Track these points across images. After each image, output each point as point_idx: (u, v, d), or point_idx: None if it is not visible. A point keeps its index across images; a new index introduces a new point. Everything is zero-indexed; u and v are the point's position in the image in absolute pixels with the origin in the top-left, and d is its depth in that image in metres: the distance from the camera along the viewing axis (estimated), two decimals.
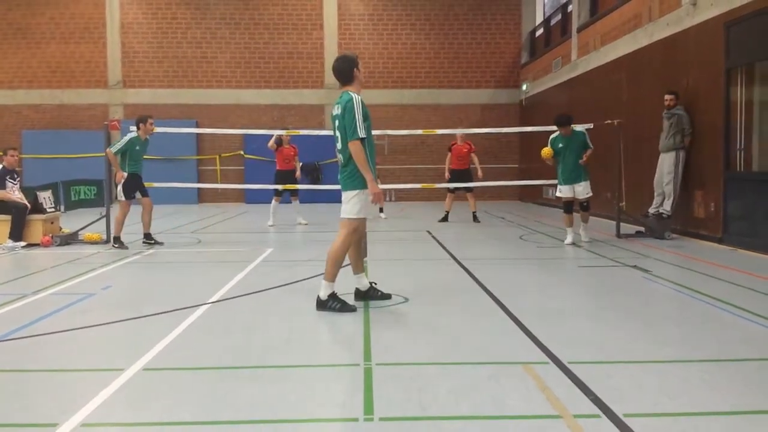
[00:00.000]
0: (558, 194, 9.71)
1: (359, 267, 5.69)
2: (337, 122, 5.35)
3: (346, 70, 5.39)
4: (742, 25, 8.93)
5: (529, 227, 12.18)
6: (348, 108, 5.22)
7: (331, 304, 5.33)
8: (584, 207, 9.60)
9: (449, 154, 13.27)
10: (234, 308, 5.60)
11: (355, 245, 5.60)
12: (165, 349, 4.30)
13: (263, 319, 5.23)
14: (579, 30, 15.56)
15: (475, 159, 13.19)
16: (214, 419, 3.14)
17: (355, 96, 5.28)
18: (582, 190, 9.43)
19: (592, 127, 10.36)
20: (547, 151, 9.34)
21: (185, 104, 20.63)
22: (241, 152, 20.42)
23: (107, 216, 10.00)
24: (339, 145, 5.39)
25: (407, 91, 21.03)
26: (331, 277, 5.36)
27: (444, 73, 21.19)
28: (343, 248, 5.37)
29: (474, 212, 13.21)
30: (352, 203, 5.34)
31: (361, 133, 5.18)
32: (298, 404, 3.33)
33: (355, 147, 5.19)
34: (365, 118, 5.26)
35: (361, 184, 5.30)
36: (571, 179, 9.36)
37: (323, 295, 5.37)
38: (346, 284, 5.81)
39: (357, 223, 5.39)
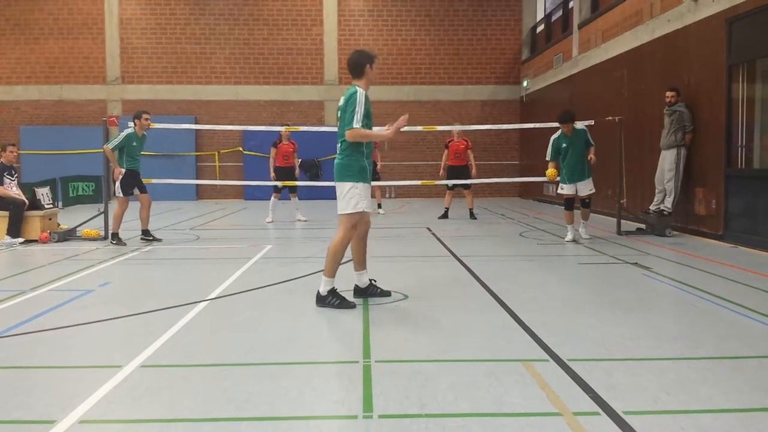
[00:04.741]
0: (560, 191, 9.70)
1: (361, 264, 5.65)
2: (339, 113, 5.39)
3: (359, 64, 5.42)
4: (744, 22, 8.90)
5: (529, 224, 12.16)
6: (351, 100, 5.26)
7: (331, 300, 5.32)
8: (585, 204, 9.59)
9: (446, 151, 13.25)
10: (233, 305, 5.59)
11: (360, 241, 5.57)
12: (163, 346, 4.28)
13: (262, 316, 5.21)
14: (580, 26, 15.52)
15: (471, 156, 13.17)
16: (213, 416, 3.13)
17: (360, 90, 5.31)
18: (585, 187, 9.43)
19: (593, 123, 10.34)
20: (551, 173, 9.33)
21: (184, 100, 20.60)
22: (240, 148, 20.38)
23: (105, 212, 9.98)
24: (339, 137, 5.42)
25: (407, 87, 20.99)
26: (331, 273, 5.34)
27: (444, 69, 21.15)
28: (343, 244, 5.34)
29: (471, 209, 13.20)
30: (347, 198, 5.30)
31: (357, 124, 5.19)
32: (298, 401, 3.31)
33: (352, 133, 5.21)
34: (366, 116, 5.27)
35: (355, 177, 5.28)
36: (576, 177, 9.37)
37: (323, 290, 5.35)
38: (346, 282, 5.80)
39: (356, 218, 5.36)
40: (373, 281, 5.76)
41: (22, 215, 9.65)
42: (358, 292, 5.66)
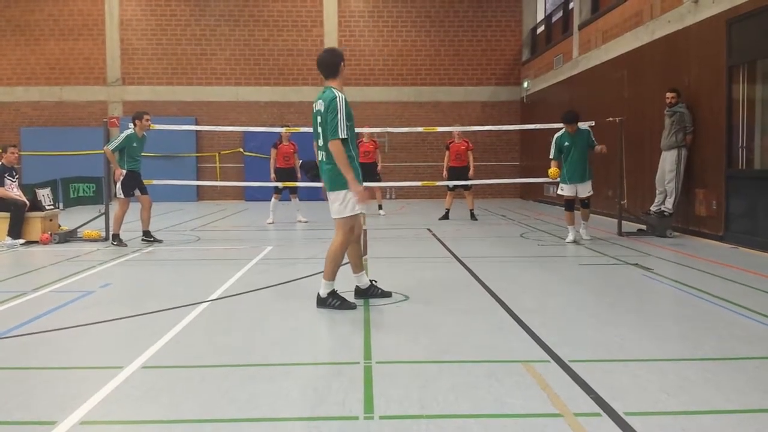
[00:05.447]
0: (560, 192, 9.70)
1: (359, 266, 5.66)
2: (319, 119, 5.27)
3: (333, 63, 5.34)
4: (744, 23, 8.90)
5: (530, 225, 12.16)
6: (332, 107, 5.15)
7: (331, 301, 5.32)
8: (585, 204, 9.61)
9: (447, 152, 13.28)
10: (234, 306, 5.59)
11: (354, 244, 5.57)
12: (164, 347, 4.28)
13: (263, 316, 5.21)
14: (580, 27, 15.53)
15: (470, 156, 13.18)
16: (213, 417, 3.13)
17: (339, 95, 5.21)
18: (584, 189, 9.44)
19: (594, 124, 10.35)
20: (554, 172, 9.32)
21: (184, 101, 20.61)
22: (241, 149, 20.39)
23: (106, 213, 9.99)
24: (320, 142, 5.34)
25: (407, 88, 20.99)
26: (331, 276, 5.34)
27: (444, 70, 21.15)
28: (342, 248, 5.34)
29: (471, 210, 13.20)
30: (341, 203, 5.27)
31: (343, 134, 5.10)
32: (298, 402, 3.32)
33: (335, 147, 5.11)
34: (348, 118, 5.19)
35: (347, 184, 5.24)
36: (576, 178, 9.37)
37: (323, 293, 5.36)
38: (347, 282, 5.80)
39: (353, 220, 5.35)
40: (373, 282, 5.76)
41: (23, 216, 9.65)
42: (359, 293, 5.67)
